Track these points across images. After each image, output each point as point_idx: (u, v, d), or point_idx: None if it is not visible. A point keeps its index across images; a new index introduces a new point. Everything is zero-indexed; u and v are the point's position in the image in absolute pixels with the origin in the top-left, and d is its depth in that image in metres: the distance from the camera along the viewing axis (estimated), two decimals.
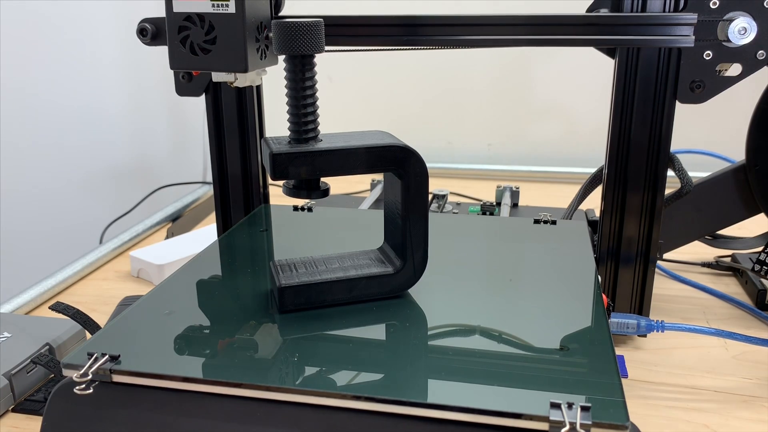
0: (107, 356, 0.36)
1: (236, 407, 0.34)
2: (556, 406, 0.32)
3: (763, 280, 0.65)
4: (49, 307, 0.50)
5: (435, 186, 0.91)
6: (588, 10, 0.51)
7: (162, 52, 0.49)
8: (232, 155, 0.62)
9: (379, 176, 0.96)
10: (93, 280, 0.75)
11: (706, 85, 0.50)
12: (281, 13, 0.55)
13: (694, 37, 0.47)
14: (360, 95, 1.22)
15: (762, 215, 0.60)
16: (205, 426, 0.34)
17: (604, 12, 0.50)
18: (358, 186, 1.02)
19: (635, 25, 0.48)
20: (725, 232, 0.66)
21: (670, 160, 0.55)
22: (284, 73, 0.41)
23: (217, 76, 0.48)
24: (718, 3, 0.48)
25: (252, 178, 0.63)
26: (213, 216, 0.95)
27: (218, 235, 0.65)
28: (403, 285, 0.45)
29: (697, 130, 0.96)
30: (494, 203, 0.87)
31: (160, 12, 0.48)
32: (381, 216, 0.49)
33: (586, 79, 1.10)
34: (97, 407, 0.35)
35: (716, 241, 0.71)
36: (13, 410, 0.49)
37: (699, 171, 0.70)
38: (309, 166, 0.40)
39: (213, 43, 0.46)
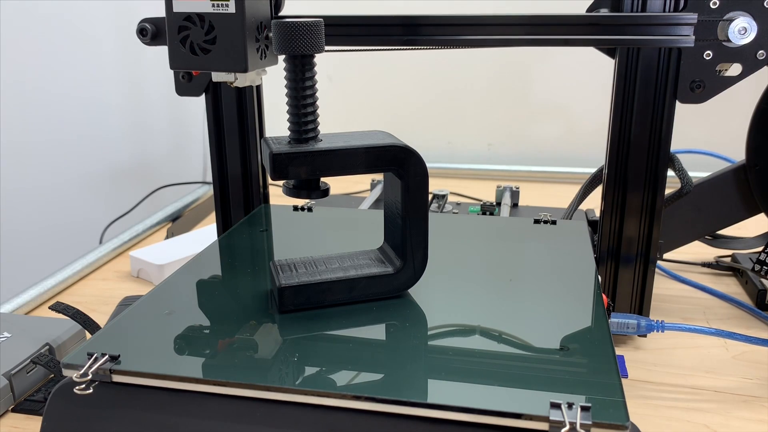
0: (107, 356, 0.36)
1: (236, 407, 0.34)
2: (556, 406, 0.32)
3: (763, 280, 0.65)
4: (49, 307, 0.50)
5: (435, 186, 0.91)
6: (588, 10, 0.51)
7: (162, 51, 0.49)
8: (232, 155, 0.62)
9: (379, 176, 0.96)
10: (93, 280, 0.75)
11: (706, 85, 0.50)
12: (281, 13, 0.55)
13: (694, 37, 0.47)
14: (360, 95, 1.22)
15: (762, 215, 0.60)
16: (205, 426, 0.34)
17: (604, 12, 0.50)
18: (358, 186, 1.02)
19: (635, 25, 0.48)
20: (725, 232, 0.66)
21: (670, 160, 0.55)
22: (284, 73, 0.41)
23: (217, 76, 0.48)
24: (718, 3, 0.48)
25: (252, 178, 0.63)
26: (213, 216, 0.95)
27: (218, 235, 0.65)
28: (403, 285, 0.45)
29: (697, 130, 0.96)
30: (494, 203, 0.87)
31: (160, 12, 0.48)
32: (381, 216, 0.49)
33: (586, 79, 1.10)
34: (97, 407, 0.35)
35: (716, 241, 0.71)
36: (13, 410, 0.49)
37: (699, 171, 0.70)
38: (309, 166, 0.40)
39: (213, 43, 0.46)
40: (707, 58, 0.50)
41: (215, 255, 0.53)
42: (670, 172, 0.55)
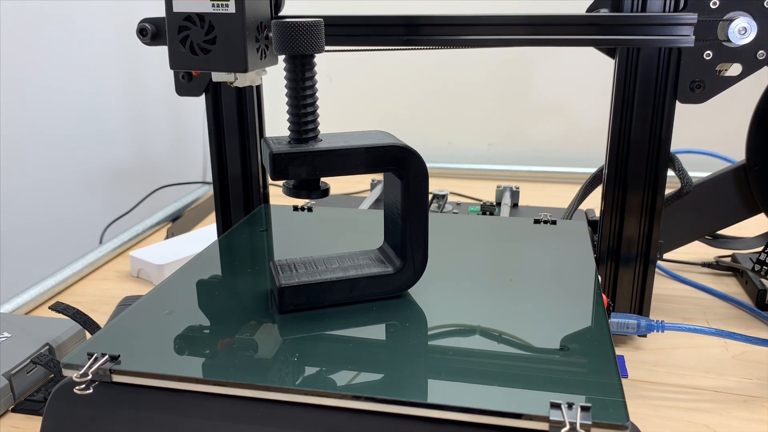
0: (107, 356, 0.36)
1: (236, 407, 0.34)
2: (556, 406, 0.32)
3: (763, 280, 0.65)
4: (49, 307, 0.50)
5: (435, 186, 0.91)
6: (588, 10, 0.51)
7: (162, 51, 0.49)
8: (232, 155, 0.62)
9: (379, 176, 0.96)
10: (93, 280, 0.75)
11: (706, 85, 0.50)
12: (281, 13, 0.55)
13: (694, 37, 0.47)
14: (360, 95, 1.22)
15: (762, 215, 0.60)
16: (205, 426, 0.34)
17: (604, 12, 0.50)
18: (358, 186, 1.02)
19: (635, 25, 0.48)
20: (725, 232, 0.66)
21: (670, 160, 0.55)
22: (284, 73, 0.41)
23: (217, 76, 0.48)
24: (718, 3, 0.48)
25: (252, 178, 0.63)
26: (213, 216, 0.95)
27: (218, 235, 0.65)
28: (403, 285, 0.45)
29: (697, 130, 0.96)
30: (494, 203, 0.87)
31: (160, 12, 0.48)
32: (381, 216, 0.49)
33: (586, 79, 1.10)
34: (97, 407, 0.35)
35: (716, 241, 0.71)
36: (13, 410, 0.49)
37: (699, 171, 0.70)
38: (309, 166, 0.40)
39: (213, 43, 0.46)
40: (707, 58, 0.50)
41: (215, 255, 0.53)
42: (670, 172, 0.55)
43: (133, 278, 0.75)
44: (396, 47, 0.51)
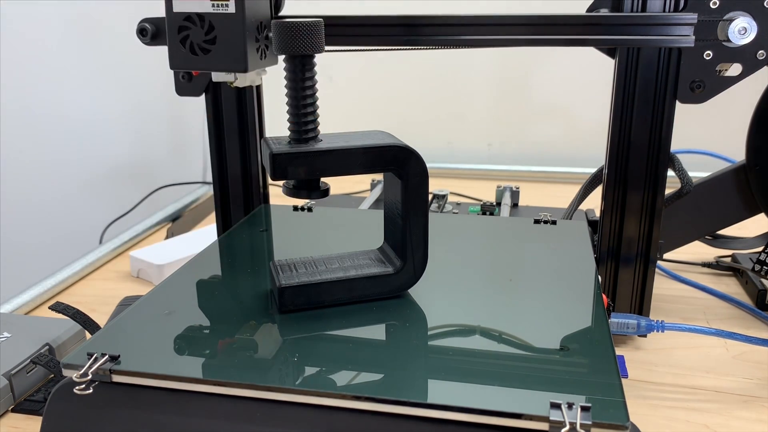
0: (107, 356, 0.36)
1: (236, 407, 0.34)
2: (556, 406, 0.32)
3: (763, 280, 0.65)
4: (49, 307, 0.50)
5: (435, 186, 0.91)
6: (588, 10, 0.51)
7: (162, 52, 0.49)
8: (232, 155, 0.62)
9: (379, 176, 0.96)
10: (93, 280, 0.75)
11: (706, 85, 0.50)
12: (281, 13, 0.55)
13: (694, 37, 0.47)
14: (360, 95, 1.22)
15: (762, 215, 0.60)
16: (205, 426, 0.34)
17: (604, 12, 0.50)
18: (358, 186, 1.02)
19: (635, 25, 0.48)
20: (725, 232, 0.66)
21: (670, 160, 0.55)
22: (284, 73, 0.41)
23: (217, 76, 0.48)
24: (718, 3, 0.48)
25: (252, 178, 0.63)
26: (213, 216, 0.94)
27: (218, 235, 0.65)
28: (403, 285, 0.44)
29: (697, 130, 0.96)
30: (494, 203, 0.87)
31: (159, 12, 0.48)
32: (381, 216, 0.49)
33: (586, 79, 1.10)
34: (97, 407, 0.35)
35: (716, 241, 0.71)
36: (13, 410, 0.49)
37: (699, 171, 0.69)
38: (309, 166, 0.40)
39: (213, 43, 0.46)
40: (707, 58, 0.50)
41: (215, 255, 0.53)
42: (670, 172, 0.55)
43: (133, 278, 0.75)
44: (396, 47, 0.51)
